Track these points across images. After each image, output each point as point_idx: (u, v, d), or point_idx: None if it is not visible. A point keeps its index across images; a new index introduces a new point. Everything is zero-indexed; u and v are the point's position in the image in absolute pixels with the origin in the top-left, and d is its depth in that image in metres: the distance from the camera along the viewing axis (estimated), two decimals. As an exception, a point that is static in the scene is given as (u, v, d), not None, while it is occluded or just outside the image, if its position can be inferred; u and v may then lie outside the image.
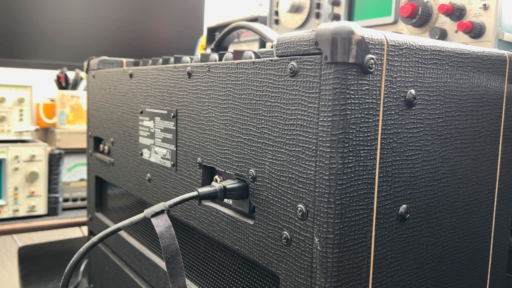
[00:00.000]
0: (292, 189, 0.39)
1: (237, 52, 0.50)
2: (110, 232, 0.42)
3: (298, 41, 0.37)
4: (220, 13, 1.90)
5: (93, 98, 0.85)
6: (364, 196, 0.37)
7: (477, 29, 0.59)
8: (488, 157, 0.49)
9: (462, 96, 0.45)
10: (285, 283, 0.40)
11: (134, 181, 0.69)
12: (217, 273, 0.54)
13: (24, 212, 1.13)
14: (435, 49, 0.41)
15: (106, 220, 0.84)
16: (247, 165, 0.44)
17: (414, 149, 0.40)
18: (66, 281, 0.42)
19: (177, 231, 0.62)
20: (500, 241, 0.52)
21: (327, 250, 0.36)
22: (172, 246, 0.41)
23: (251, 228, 0.44)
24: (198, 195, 0.44)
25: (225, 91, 0.47)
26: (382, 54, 0.37)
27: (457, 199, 0.46)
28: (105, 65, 0.84)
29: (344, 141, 0.35)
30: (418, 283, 0.43)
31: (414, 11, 0.64)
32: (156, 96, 0.61)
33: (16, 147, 1.10)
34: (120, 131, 0.73)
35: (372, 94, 0.36)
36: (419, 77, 0.40)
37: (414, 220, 0.41)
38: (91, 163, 0.88)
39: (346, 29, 0.34)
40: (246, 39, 1.09)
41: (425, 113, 0.41)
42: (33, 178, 1.12)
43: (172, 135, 0.58)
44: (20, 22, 1.34)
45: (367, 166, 0.37)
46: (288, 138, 0.39)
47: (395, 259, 0.40)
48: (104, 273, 0.84)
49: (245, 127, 0.44)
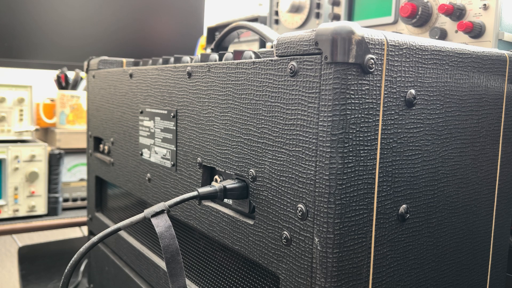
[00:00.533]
0: (292, 189, 0.39)
1: (237, 52, 0.50)
2: (110, 232, 0.42)
3: (298, 41, 0.37)
4: (220, 13, 1.90)
5: (93, 98, 0.85)
6: (364, 196, 0.37)
7: (477, 29, 0.59)
8: (488, 157, 0.49)
9: (462, 96, 0.45)
10: (285, 283, 0.40)
11: (134, 181, 0.69)
12: (217, 273, 0.54)
13: (24, 212, 1.13)
14: (435, 49, 0.41)
15: (106, 220, 0.84)
16: (247, 165, 0.44)
17: (414, 149, 0.40)
18: (66, 281, 0.42)
19: (177, 231, 0.62)
20: (500, 241, 0.52)
21: (327, 250, 0.36)
22: (172, 246, 0.41)
23: (251, 228, 0.44)
24: (198, 195, 0.44)
25: (225, 91, 0.47)
26: (382, 54, 0.37)
27: (457, 199, 0.46)
28: (105, 65, 0.84)
29: (344, 141, 0.35)
30: (418, 283, 0.43)
31: (414, 11, 0.64)
32: (156, 96, 0.61)
33: (16, 147, 1.10)
34: (120, 131, 0.73)
35: (372, 94, 0.36)
36: (419, 77, 0.40)
37: (414, 220, 0.41)
38: (91, 163, 0.88)
39: (346, 29, 0.34)
40: (246, 39, 1.09)
41: (425, 113, 0.41)
42: (33, 178, 1.12)
43: (172, 135, 0.58)
44: (20, 22, 1.34)
45: (367, 166, 0.37)
46: (288, 138, 0.39)
47: (395, 259, 0.40)
48: (104, 273, 0.84)
49: (245, 127, 0.44)
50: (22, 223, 1.10)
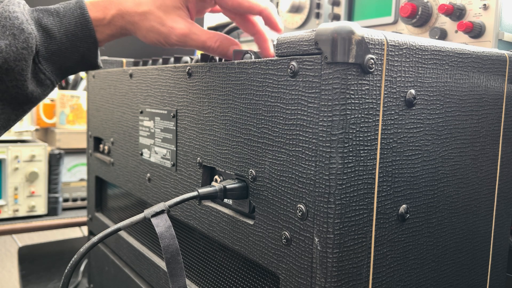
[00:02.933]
0: (292, 189, 0.39)
1: (237, 52, 0.50)
2: (110, 232, 0.42)
3: (298, 41, 0.37)
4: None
5: (93, 98, 0.85)
6: (364, 196, 0.37)
7: (477, 29, 0.59)
8: (488, 157, 0.49)
9: (462, 96, 0.45)
10: (285, 283, 0.40)
11: (134, 181, 0.69)
12: (217, 273, 0.54)
13: (24, 212, 1.13)
14: (435, 49, 0.41)
15: (106, 220, 0.84)
16: (247, 165, 0.44)
17: (414, 149, 0.40)
18: (66, 281, 0.42)
19: (177, 231, 0.62)
20: (500, 241, 0.52)
21: (327, 250, 0.36)
22: (172, 246, 0.41)
23: (251, 228, 0.44)
24: (198, 195, 0.44)
25: (225, 91, 0.47)
26: (382, 54, 0.37)
27: (457, 199, 0.46)
28: (105, 65, 0.84)
29: (344, 141, 0.35)
30: (418, 283, 0.43)
31: (414, 11, 0.64)
32: (156, 96, 0.61)
33: (16, 147, 1.10)
34: (120, 131, 0.73)
35: (372, 94, 0.36)
36: (419, 77, 0.40)
37: (414, 220, 0.41)
38: (91, 163, 0.88)
39: (346, 29, 0.34)
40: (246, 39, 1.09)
41: (425, 113, 0.41)
42: (33, 178, 1.12)
43: (172, 135, 0.58)
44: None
45: (367, 166, 0.37)
46: (288, 138, 0.39)
47: (395, 259, 0.40)
48: (104, 273, 0.84)
49: (245, 127, 0.44)
50: (22, 223, 1.10)
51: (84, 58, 0.55)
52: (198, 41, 0.53)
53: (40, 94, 0.54)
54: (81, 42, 0.54)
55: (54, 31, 0.52)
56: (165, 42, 0.53)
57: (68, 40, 0.53)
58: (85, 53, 0.54)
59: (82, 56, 0.55)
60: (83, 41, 0.54)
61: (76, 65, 0.55)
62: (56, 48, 0.53)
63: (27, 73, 0.50)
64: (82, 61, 0.55)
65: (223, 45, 0.53)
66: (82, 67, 0.56)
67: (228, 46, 0.53)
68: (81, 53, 0.54)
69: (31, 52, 0.50)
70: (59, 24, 0.52)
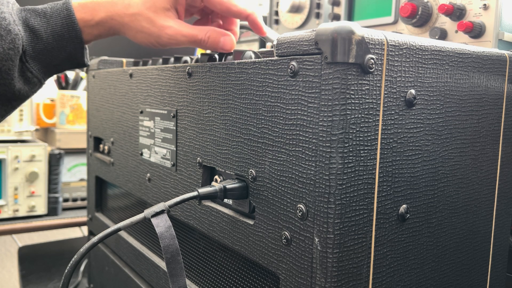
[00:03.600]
0: (292, 189, 0.39)
1: (237, 52, 0.50)
2: (110, 232, 0.42)
3: (298, 41, 0.37)
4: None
5: (93, 98, 0.85)
6: (364, 196, 0.37)
7: (477, 29, 0.59)
8: (488, 157, 0.49)
9: (462, 96, 0.45)
10: (285, 283, 0.40)
11: (134, 181, 0.69)
12: (217, 273, 0.54)
13: (24, 212, 1.13)
14: (435, 49, 0.41)
15: (106, 220, 0.84)
16: (247, 165, 0.44)
17: (414, 149, 0.40)
18: (66, 281, 0.42)
19: (177, 231, 0.62)
20: (500, 241, 0.52)
21: (327, 250, 0.36)
22: (172, 246, 0.41)
23: (251, 228, 0.44)
24: (198, 195, 0.44)
25: (225, 91, 0.47)
26: (382, 54, 0.37)
27: (457, 199, 0.46)
28: (105, 65, 0.84)
29: (344, 141, 0.35)
30: (418, 283, 0.43)
31: (414, 11, 0.64)
32: (156, 96, 0.61)
33: (16, 147, 1.10)
34: (120, 131, 0.73)
35: (372, 94, 0.36)
36: (419, 77, 0.40)
37: (414, 220, 0.41)
38: (91, 163, 0.88)
39: (346, 29, 0.34)
40: (246, 39, 1.09)
41: (425, 113, 0.41)
42: (33, 178, 1.12)
43: (172, 135, 0.58)
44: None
45: (367, 166, 0.37)
46: (288, 138, 0.39)
47: (395, 259, 0.40)
48: (104, 273, 0.84)
49: (245, 127, 0.44)
50: (22, 223, 1.10)
51: (71, 57, 0.56)
52: (189, 36, 0.53)
53: (28, 91, 0.55)
54: (67, 42, 0.55)
55: (41, 31, 0.53)
56: (156, 42, 0.54)
57: (54, 40, 0.54)
58: (71, 53, 0.55)
59: (69, 55, 0.56)
60: (69, 41, 0.54)
61: (63, 64, 0.57)
62: (42, 48, 0.53)
63: (14, 72, 0.51)
64: (69, 60, 0.56)
65: (213, 37, 0.53)
66: (70, 65, 0.57)
67: (218, 37, 0.53)
68: (68, 52, 0.55)
69: (17, 53, 0.51)
70: (46, 24, 0.53)
